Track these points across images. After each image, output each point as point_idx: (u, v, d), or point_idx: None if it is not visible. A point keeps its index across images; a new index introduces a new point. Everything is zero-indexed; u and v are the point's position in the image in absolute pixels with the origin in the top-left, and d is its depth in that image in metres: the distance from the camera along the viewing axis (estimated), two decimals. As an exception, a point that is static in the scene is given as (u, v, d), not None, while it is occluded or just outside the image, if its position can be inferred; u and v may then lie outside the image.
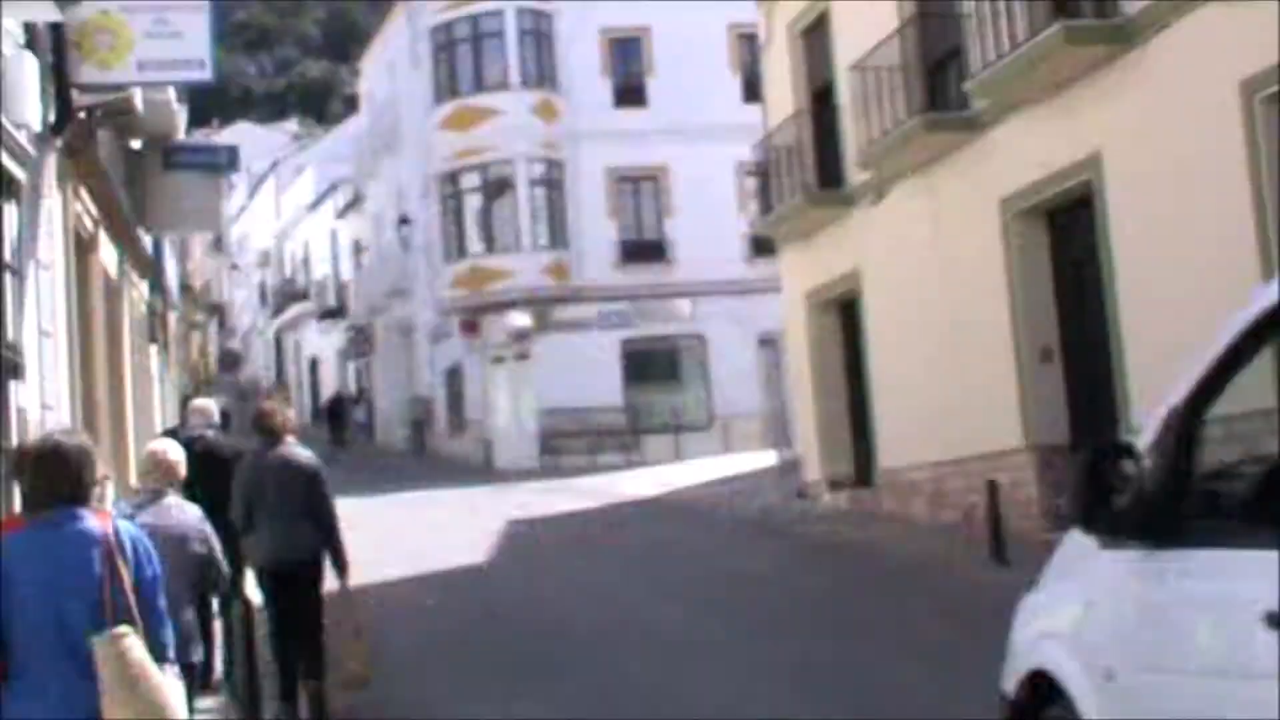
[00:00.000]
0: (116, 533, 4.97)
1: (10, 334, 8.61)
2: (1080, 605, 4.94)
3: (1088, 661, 4.76)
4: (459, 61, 39.25)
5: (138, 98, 12.45)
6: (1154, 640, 4.43)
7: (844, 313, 22.55)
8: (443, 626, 14.20)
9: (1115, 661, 4.58)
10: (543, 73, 38.90)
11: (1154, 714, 4.32)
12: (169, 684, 4.94)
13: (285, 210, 60.70)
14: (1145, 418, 4.81)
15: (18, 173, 8.67)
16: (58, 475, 4.93)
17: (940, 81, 18.56)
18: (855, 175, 20.76)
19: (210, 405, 12.47)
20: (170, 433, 11.99)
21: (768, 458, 31.02)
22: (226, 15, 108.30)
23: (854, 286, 21.48)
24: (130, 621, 4.85)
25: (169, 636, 5.07)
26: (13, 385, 8.62)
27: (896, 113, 18.51)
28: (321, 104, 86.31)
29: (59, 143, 10.67)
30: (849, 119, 20.38)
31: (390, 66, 45.39)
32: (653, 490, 28.14)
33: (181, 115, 16.02)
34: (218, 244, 72.94)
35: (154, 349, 19.18)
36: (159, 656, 4.93)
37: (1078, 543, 4.99)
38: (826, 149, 21.96)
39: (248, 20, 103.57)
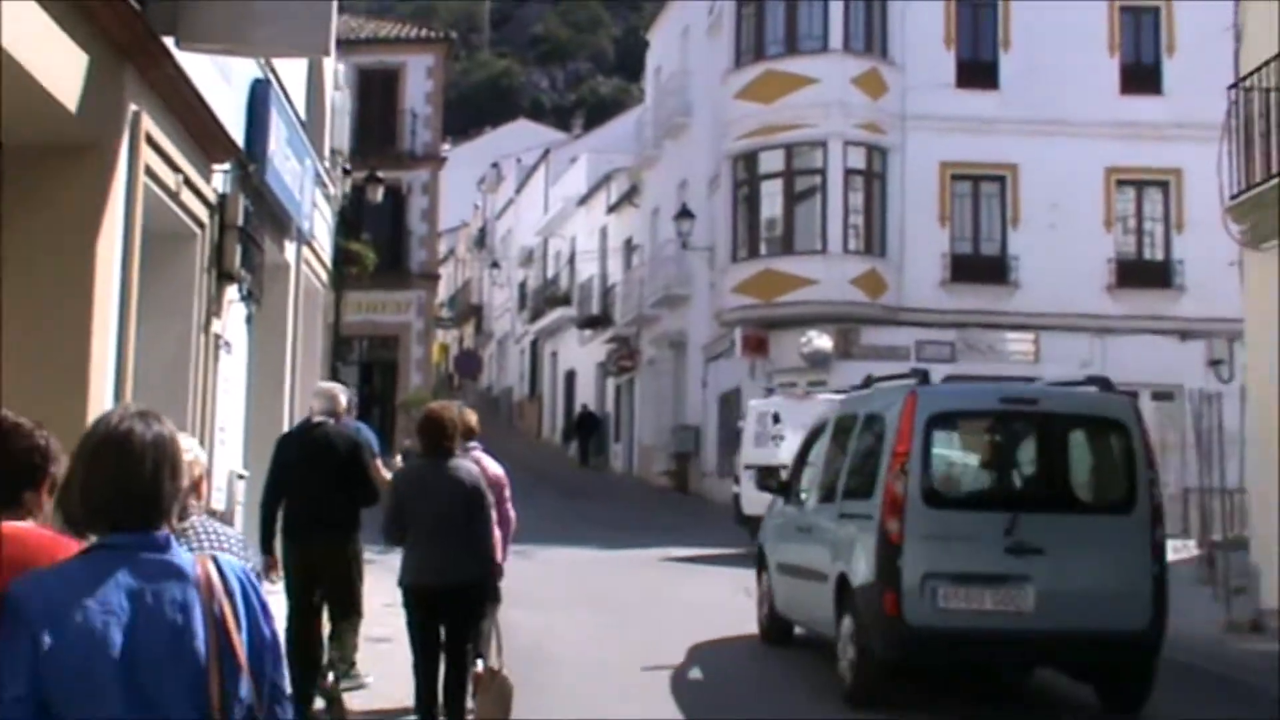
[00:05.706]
0: (221, 572, 3.11)
1: None
2: (770, 517, 15.16)
3: (769, 538, 14.78)
4: (767, 18, 31.87)
5: None
6: (775, 529, 14.59)
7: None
8: None
9: (771, 537, 14.62)
10: (871, 36, 31.26)
11: (779, 556, 14.01)
12: None
13: (553, 204, 54.32)
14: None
15: None
16: (128, 479, 3.03)
17: None
18: None
19: (336, 389, 10.55)
20: (300, 426, 10.40)
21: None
22: (524, 27, 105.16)
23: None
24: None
25: None
26: None
27: None
28: (609, 120, 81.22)
29: None
30: None
31: (684, 32, 38.50)
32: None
33: None
34: (480, 239, 67.27)
35: (230, 292, 11.61)
36: None
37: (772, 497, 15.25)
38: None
39: (544, 34, 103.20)
